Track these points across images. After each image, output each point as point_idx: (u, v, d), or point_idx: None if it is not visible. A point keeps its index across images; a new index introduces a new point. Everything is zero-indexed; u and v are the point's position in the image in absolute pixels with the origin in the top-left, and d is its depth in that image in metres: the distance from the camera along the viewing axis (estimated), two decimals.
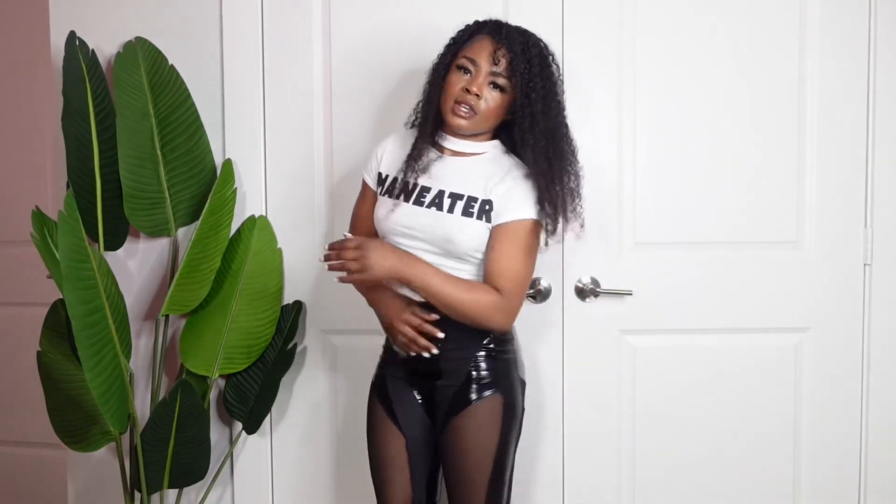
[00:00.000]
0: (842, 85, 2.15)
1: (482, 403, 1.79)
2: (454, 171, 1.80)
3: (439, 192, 1.78)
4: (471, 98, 1.73)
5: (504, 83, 1.75)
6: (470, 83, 1.74)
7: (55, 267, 1.88)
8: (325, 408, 2.26)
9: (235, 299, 2.17)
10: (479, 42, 1.77)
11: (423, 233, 1.77)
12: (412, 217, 1.78)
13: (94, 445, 2.12)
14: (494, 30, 1.78)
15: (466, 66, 1.75)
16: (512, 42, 1.74)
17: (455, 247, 1.76)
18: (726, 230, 2.17)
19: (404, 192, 1.80)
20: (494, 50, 1.74)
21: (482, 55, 1.75)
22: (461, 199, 1.77)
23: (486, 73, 1.74)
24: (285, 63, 2.21)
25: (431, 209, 1.77)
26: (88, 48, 2.09)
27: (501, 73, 1.74)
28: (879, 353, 2.18)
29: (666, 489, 2.22)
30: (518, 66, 1.73)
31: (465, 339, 1.80)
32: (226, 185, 2.15)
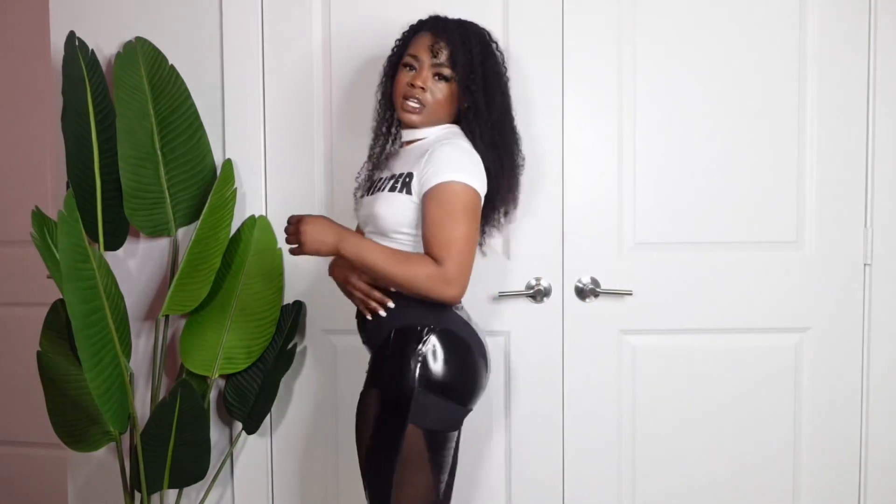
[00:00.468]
0: (842, 85, 2.15)
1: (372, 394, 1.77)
2: (404, 158, 1.85)
3: (381, 179, 1.86)
4: (416, 91, 1.79)
5: (448, 73, 1.80)
6: (414, 78, 1.80)
7: (55, 267, 1.88)
8: (325, 408, 2.26)
9: (235, 299, 2.17)
10: (420, 38, 1.83)
11: (365, 217, 1.87)
12: (366, 206, 1.86)
13: (94, 445, 2.12)
14: (433, 25, 1.84)
15: (410, 63, 1.82)
16: (450, 34, 1.80)
17: (379, 221, 1.77)
18: (726, 230, 2.17)
19: (366, 189, 1.92)
20: (433, 43, 1.80)
21: (422, 49, 1.81)
22: (393, 178, 1.81)
23: (428, 65, 1.80)
24: (285, 63, 2.21)
25: (375, 193, 1.84)
26: (88, 48, 2.09)
27: (443, 64, 1.79)
28: (879, 353, 2.18)
29: (666, 489, 2.22)
30: (458, 57, 1.79)
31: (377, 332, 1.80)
32: (226, 185, 2.15)
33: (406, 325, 1.75)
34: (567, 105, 2.15)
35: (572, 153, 2.16)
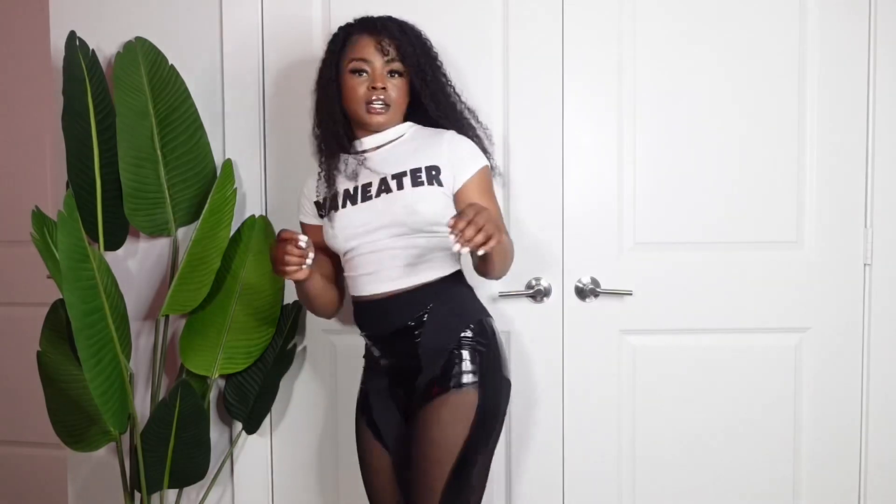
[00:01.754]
0: (842, 85, 2.15)
1: (455, 396, 1.73)
2: (385, 160, 1.83)
3: (381, 180, 1.80)
4: (380, 93, 1.79)
5: (400, 68, 1.81)
6: (373, 80, 1.79)
7: (55, 267, 1.87)
8: (325, 408, 2.26)
9: (235, 299, 2.17)
10: (360, 41, 1.82)
11: (380, 220, 1.78)
12: (366, 211, 1.79)
13: (94, 445, 2.12)
14: (366, 26, 1.83)
15: (360, 68, 1.80)
16: (390, 30, 1.81)
17: (419, 217, 1.76)
18: (726, 230, 2.17)
19: (348, 199, 1.82)
20: (378, 42, 1.80)
21: (369, 52, 1.80)
22: (405, 175, 1.79)
23: (381, 66, 1.80)
24: (285, 63, 2.21)
25: (381, 196, 1.79)
26: (88, 48, 2.09)
27: (395, 59, 1.80)
28: (879, 353, 2.18)
29: (666, 489, 2.21)
30: (405, 49, 1.80)
31: (444, 329, 1.78)
32: (226, 185, 2.15)
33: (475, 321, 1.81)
34: (567, 105, 2.15)
35: (572, 153, 2.16)
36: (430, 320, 1.78)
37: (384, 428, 1.85)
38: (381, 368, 1.86)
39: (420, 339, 1.78)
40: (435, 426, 1.73)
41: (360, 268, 1.81)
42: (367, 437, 1.87)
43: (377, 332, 1.83)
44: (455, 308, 1.80)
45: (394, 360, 1.83)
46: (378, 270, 1.79)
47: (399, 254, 1.78)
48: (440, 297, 1.79)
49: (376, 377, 1.88)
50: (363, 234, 1.80)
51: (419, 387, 1.78)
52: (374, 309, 1.81)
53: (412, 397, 1.80)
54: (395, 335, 1.80)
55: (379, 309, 1.81)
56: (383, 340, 1.83)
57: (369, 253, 1.80)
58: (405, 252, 1.78)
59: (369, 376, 1.90)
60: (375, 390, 1.87)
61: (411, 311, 1.78)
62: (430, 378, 1.77)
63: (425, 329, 1.77)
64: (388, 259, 1.78)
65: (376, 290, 1.80)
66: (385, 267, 1.79)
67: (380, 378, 1.87)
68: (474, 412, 1.73)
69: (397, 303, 1.79)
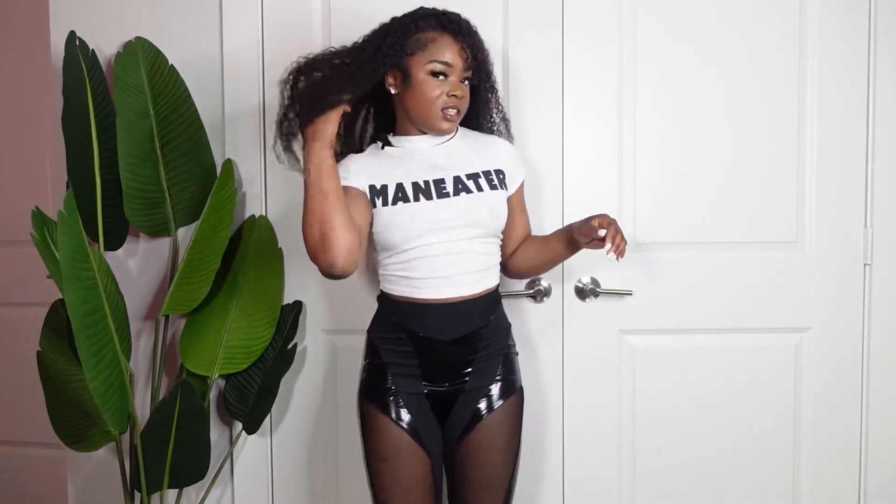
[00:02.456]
0: (842, 85, 2.15)
1: (511, 401, 1.83)
2: (448, 158, 1.82)
3: (455, 178, 1.79)
4: (457, 101, 1.77)
5: (472, 76, 1.80)
6: (454, 87, 1.76)
7: (55, 267, 1.87)
8: (325, 408, 2.26)
9: (235, 299, 2.17)
10: (443, 42, 1.75)
11: (462, 219, 1.76)
12: (447, 209, 1.75)
13: (94, 445, 2.12)
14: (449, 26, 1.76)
15: (443, 72, 1.75)
16: (472, 35, 1.78)
17: (500, 220, 1.81)
18: (726, 230, 2.17)
19: (420, 192, 1.76)
20: (460, 48, 1.76)
21: (450, 55, 1.75)
22: (479, 176, 1.80)
23: (459, 72, 1.77)
24: (285, 63, 2.19)
25: (461, 195, 1.77)
26: (88, 48, 2.09)
27: (470, 67, 1.78)
28: (879, 353, 2.18)
29: (666, 489, 2.22)
30: (479, 57, 1.79)
31: (498, 341, 1.85)
32: (226, 185, 2.15)
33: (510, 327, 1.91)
34: (567, 105, 2.15)
35: (572, 153, 2.16)
36: (493, 327, 1.83)
37: (426, 432, 1.80)
38: (415, 372, 1.80)
39: (482, 343, 1.81)
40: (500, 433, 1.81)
41: (431, 270, 1.76)
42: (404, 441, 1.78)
43: (442, 336, 1.78)
44: (503, 315, 1.89)
45: (440, 366, 1.80)
46: (456, 274, 1.76)
47: (476, 258, 1.79)
48: (498, 304, 1.87)
49: (409, 381, 1.81)
50: (438, 232, 1.75)
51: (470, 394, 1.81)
52: (444, 313, 1.78)
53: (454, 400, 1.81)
54: (460, 340, 1.79)
55: (450, 313, 1.78)
56: (437, 345, 1.78)
57: (444, 255, 1.76)
58: (481, 257, 1.80)
59: (400, 381, 1.81)
60: (410, 394, 1.80)
61: (480, 316, 1.81)
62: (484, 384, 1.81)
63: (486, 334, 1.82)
64: (465, 262, 1.77)
65: (451, 294, 1.77)
66: (463, 271, 1.77)
67: (414, 381, 1.81)
68: (521, 412, 1.87)
69: (470, 308, 1.79)
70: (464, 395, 1.81)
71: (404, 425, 1.78)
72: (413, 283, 1.78)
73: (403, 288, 1.80)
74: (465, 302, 1.78)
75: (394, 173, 1.79)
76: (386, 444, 1.79)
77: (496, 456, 1.80)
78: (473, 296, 1.79)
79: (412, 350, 1.80)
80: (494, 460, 1.80)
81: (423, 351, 1.79)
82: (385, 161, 1.81)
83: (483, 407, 1.80)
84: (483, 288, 1.81)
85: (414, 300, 1.78)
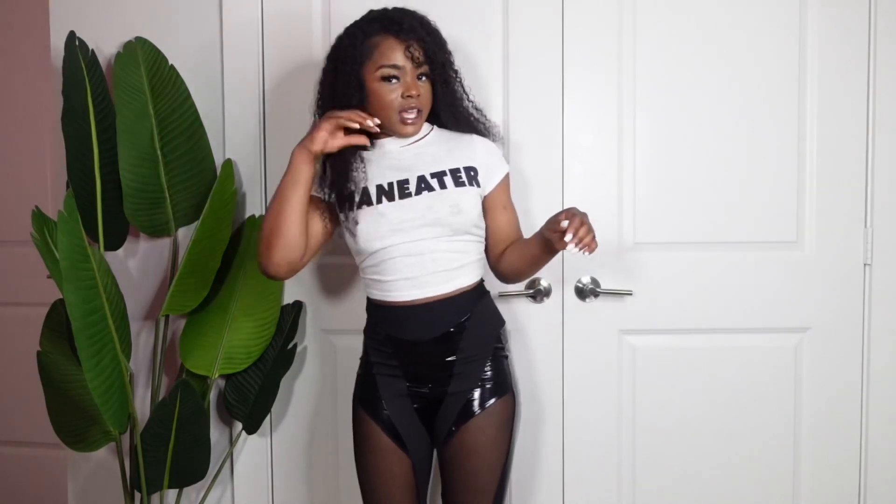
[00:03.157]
0: (842, 85, 2.14)
1: (496, 405, 1.79)
2: (418, 157, 1.80)
3: (419, 177, 1.76)
4: (413, 101, 1.73)
5: (427, 71, 1.76)
6: (407, 88, 1.72)
7: (55, 267, 1.87)
8: (325, 408, 2.26)
9: (235, 299, 2.17)
10: (387, 45, 1.72)
11: (423, 218, 1.74)
12: (408, 209, 1.74)
13: (94, 445, 2.12)
14: (392, 27, 1.73)
15: (392, 75, 1.72)
16: (416, 31, 1.73)
17: (463, 217, 1.75)
18: (726, 230, 2.17)
19: (383, 195, 1.76)
20: (406, 46, 1.72)
21: (397, 57, 1.72)
22: (445, 174, 1.77)
23: (411, 71, 1.73)
24: (285, 62, 2.21)
25: (422, 194, 1.75)
26: (88, 48, 2.09)
27: (423, 63, 1.74)
28: (879, 353, 2.18)
29: (666, 489, 2.22)
30: (430, 50, 1.74)
31: (481, 342, 1.81)
32: (226, 185, 2.15)
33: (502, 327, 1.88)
34: (567, 105, 2.15)
35: (572, 153, 2.16)
36: (471, 328, 1.79)
37: (406, 433, 1.80)
38: (397, 373, 1.81)
39: (461, 344, 1.78)
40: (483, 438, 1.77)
41: (397, 271, 1.75)
42: (385, 441, 1.80)
43: (412, 338, 1.78)
44: (488, 315, 1.84)
45: (422, 367, 1.79)
46: (420, 275, 1.75)
47: (441, 257, 1.75)
48: (477, 304, 1.81)
49: (392, 381, 1.82)
50: (400, 233, 1.74)
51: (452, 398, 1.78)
52: (414, 315, 1.77)
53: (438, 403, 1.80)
54: (435, 342, 1.77)
55: (420, 315, 1.76)
56: (415, 346, 1.78)
57: (407, 256, 1.74)
58: (447, 255, 1.76)
59: (384, 382, 1.82)
60: (392, 395, 1.81)
61: (454, 316, 1.77)
62: (465, 392, 1.78)
63: (466, 337, 1.78)
64: (430, 262, 1.74)
65: (419, 295, 1.76)
66: (428, 271, 1.75)
67: (397, 382, 1.81)
68: (511, 417, 1.82)
69: (441, 308, 1.76)
70: (448, 398, 1.79)
71: (385, 426, 1.80)
72: (383, 286, 1.78)
73: (377, 291, 1.81)
74: (435, 302, 1.76)
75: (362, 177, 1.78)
76: (369, 444, 1.82)
77: (480, 460, 1.77)
78: (444, 295, 1.76)
79: (392, 351, 1.80)
80: (478, 464, 1.77)
81: (403, 353, 1.79)
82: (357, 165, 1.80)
83: (466, 410, 1.78)
84: (454, 287, 1.77)
85: (387, 302, 1.79)
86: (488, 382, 1.80)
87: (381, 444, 1.81)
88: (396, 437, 1.80)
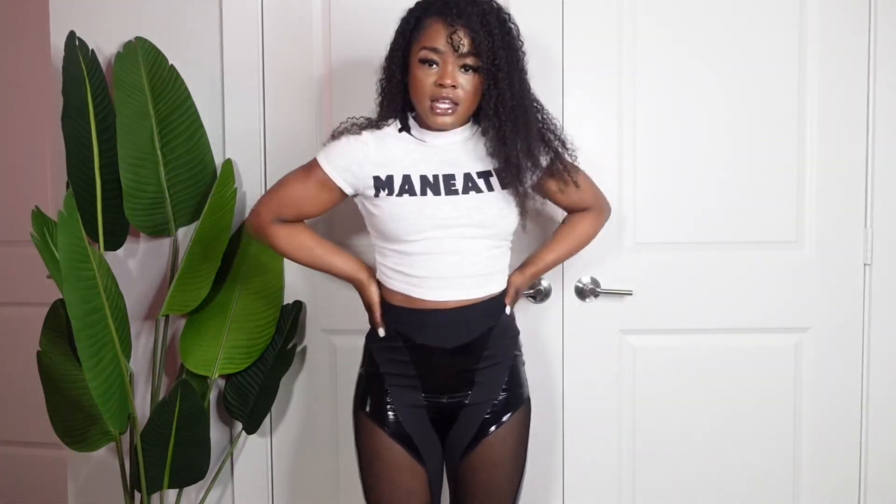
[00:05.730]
0: (842, 85, 2.15)
1: (518, 414, 1.77)
2: (460, 152, 1.70)
3: (465, 175, 1.68)
4: (447, 91, 1.61)
5: (474, 62, 1.61)
6: (441, 77, 1.60)
7: (55, 267, 1.87)
8: (325, 408, 2.26)
9: (235, 299, 2.17)
10: (433, 27, 1.61)
11: (469, 218, 1.67)
12: (454, 206, 1.66)
13: (94, 445, 2.12)
14: (443, 9, 1.60)
15: (430, 59, 1.60)
16: (467, 17, 1.59)
17: (506, 223, 1.70)
18: (726, 230, 2.17)
19: (428, 187, 1.67)
20: (451, 32, 1.58)
21: (439, 41, 1.59)
22: (491, 175, 1.69)
23: (452, 59, 1.60)
24: (285, 63, 2.21)
25: (470, 193, 1.67)
26: (88, 48, 2.09)
27: (469, 53, 1.59)
28: (879, 353, 2.18)
29: (666, 489, 2.22)
30: (481, 42, 1.59)
31: (504, 350, 1.78)
32: (226, 185, 2.15)
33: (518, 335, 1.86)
34: (567, 105, 2.15)
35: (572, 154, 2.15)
36: (496, 336, 1.75)
37: (423, 444, 1.73)
38: (415, 383, 1.73)
39: (485, 352, 1.73)
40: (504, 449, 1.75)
41: (432, 269, 1.67)
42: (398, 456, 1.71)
43: (436, 344, 1.70)
44: (509, 321, 1.80)
45: (441, 377, 1.72)
46: (457, 276, 1.67)
47: (480, 261, 1.69)
48: (501, 311, 1.77)
49: (407, 392, 1.73)
50: (440, 229, 1.66)
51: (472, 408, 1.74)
52: (442, 319, 1.69)
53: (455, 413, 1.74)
54: (461, 349, 1.71)
55: (448, 319, 1.69)
56: (435, 354, 1.70)
57: (446, 254, 1.66)
58: (486, 259, 1.70)
59: (396, 392, 1.73)
60: (406, 405, 1.73)
61: (484, 323, 1.72)
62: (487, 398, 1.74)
63: (491, 343, 1.74)
64: (468, 265, 1.68)
65: (451, 297, 1.68)
66: (465, 273, 1.68)
67: (413, 392, 1.73)
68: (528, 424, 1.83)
69: (471, 314, 1.70)
70: (466, 409, 1.73)
71: (400, 438, 1.71)
72: (411, 281, 1.69)
73: (401, 284, 1.70)
74: (465, 307, 1.69)
75: (402, 164, 1.68)
76: (382, 459, 1.72)
77: (501, 472, 1.73)
78: (474, 301, 1.70)
79: (409, 360, 1.72)
80: (500, 476, 1.73)
81: (420, 360, 1.71)
82: (396, 148, 1.70)
83: (488, 422, 1.72)
84: (485, 293, 1.72)
85: (411, 302, 1.70)
86: (509, 392, 1.76)
87: (395, 459, 1.71)
88: (412, 449, 1.71)
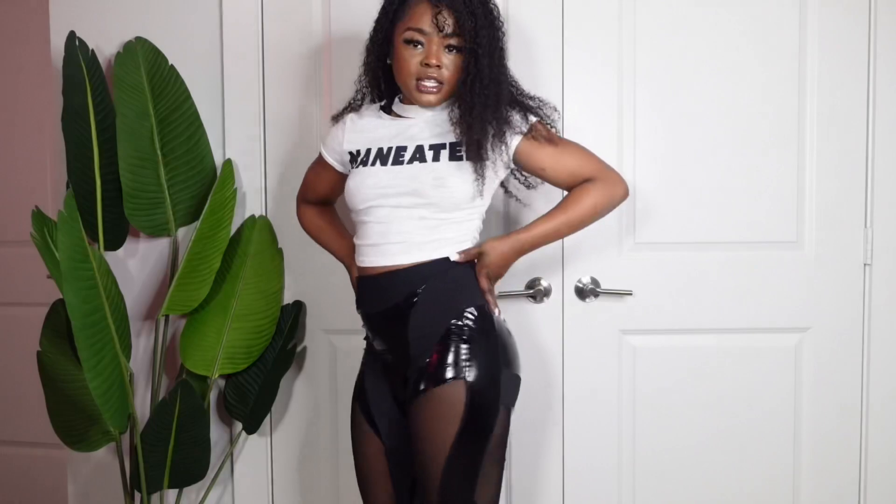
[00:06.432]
0: (842, 85, 2.14)
1: (443, 388, 1.65)
2: (428, 126, 1.74)
3: (417, 147, 1.72)
4: (433, 71, 1.67)
5: (458, 43, 1.67)
6: (427, 56, 1.66)
7: (55, 267, 1.88)
8: (325, 408, 2.26)
9: (235, 299, 2.17)
10: (418, 8, 1.67)
11: (405, 187, 1.70)
12: (392, 176, 1.71)
13: (94, 445, 2.12)
14: None
15: (415, 39, 1.67)
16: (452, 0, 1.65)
17: (446, 192, 1.68)
18: (726, 230, 2.17)
19: (378, 158, 1.74)
20: (436, 13, 1.65)
21: (425, 22, 1.66)
22: (444, 147, 1.71)
23: (437, 39, 1.66)
24: (285, 62, 2.21)
25: (413, 163, 1.71)
26: (88, 48, 2.09)
27: (453, 34, 1.66)
28: (879, 353, 2.18)
29: (666, 488, 2.21)
30: (465, 23, 1.65)
31: (435, 314, 1.70)
32: (226, 185, 2.15)
33: (477, 305, 1.72)
34: (567, 105, 2.15)
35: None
36: (421, 303, 1.69)
37: (378, 415, 1.78)
38: (376, 352, 1.80)
39: (414, 322, 1.69)
40: (424, 422, 1.67)
41: (366, 236, 1.75)
42: (361, 423, 1.81)
43: (369, 310, 1.76)
44: (450, 291, 1.71)
45: (387, 345, 1.76)
46: (382, 243, 1.71)
47: (410, 228, 1.70)
48: (437, 279, 1.71)
49: (373, 361, 1.81)
50: (379, 198, 1.72)
51: (410, 376, 1.70)
52: (371, 284, 1.74)
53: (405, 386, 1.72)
54: (385, 316, 1.73)
55: (374, 284, 1.73)
56: (374, 320, 1.77)
57: (377, 223, 1.72)
58: (420, 229, 1.70)
59: (367, 360, 1.84)
60: (371, 375, 1.81)
61: (403, 290, 1.70)
62: (418, 368, 1.68)
63: (415, 312, 1.69)
64: (395, 233, 1.70)
65: (376, 262, 1.73)
66: (391, 241, 1.71)
67: (375, 362, 1.81)
68: (463, 407, 1.64)
69: (393, 280, 1.70)
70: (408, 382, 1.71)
71: (362, 408, 1.81)
72: (359, 250, 1.79)
73: (357, 255, 1.81)
74: (389, 272, 1.71)
75: (370, 138, 1.78)
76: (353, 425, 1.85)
77: (421, 444, 1.67)
78: (397, 267, 1.70)
79: (365, 326, 1.81)
80: (420, 448, 1.67)
81: (370, 328, 1.79)
82: (368, 125, 1.80)
83: (411, 391, 1.69)
84: (411, 260, 1.70)
85: (361, 270, 1.78)
86: (433, 365, 1.66)
87: (360, 428, 1.82)
88: (370, 419, 1.79)
